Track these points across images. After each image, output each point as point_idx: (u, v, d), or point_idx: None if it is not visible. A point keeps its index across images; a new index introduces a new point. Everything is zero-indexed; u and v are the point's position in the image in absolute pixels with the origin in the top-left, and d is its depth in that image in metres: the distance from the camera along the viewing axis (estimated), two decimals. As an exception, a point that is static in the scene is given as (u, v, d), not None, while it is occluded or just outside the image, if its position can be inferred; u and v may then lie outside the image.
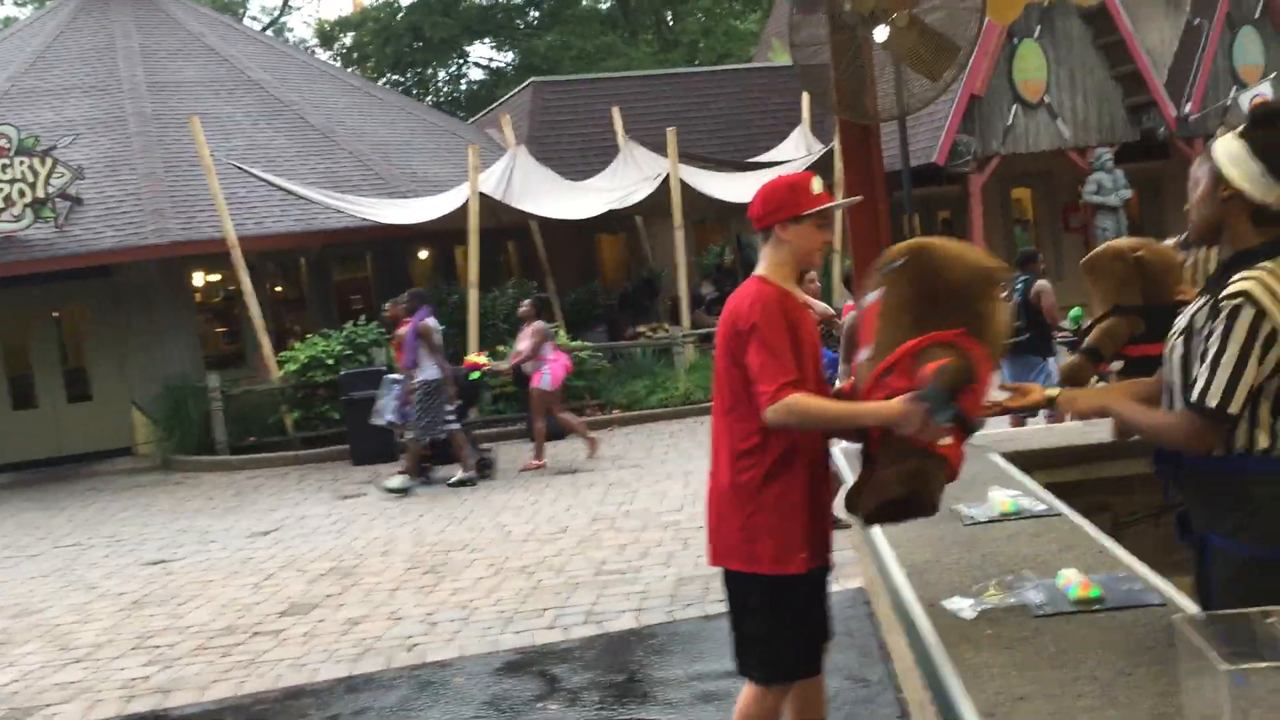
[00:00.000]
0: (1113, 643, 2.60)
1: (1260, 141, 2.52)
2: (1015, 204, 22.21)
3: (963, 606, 2.98)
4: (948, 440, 2.94)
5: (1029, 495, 4.05)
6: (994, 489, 4.07)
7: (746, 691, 3.42)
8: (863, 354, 3.10)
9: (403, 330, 10.78)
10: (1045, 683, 2.42)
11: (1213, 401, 2.46)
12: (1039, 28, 18.48)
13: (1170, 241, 7.43)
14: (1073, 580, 2.95)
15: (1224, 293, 2.50)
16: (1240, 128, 2.59)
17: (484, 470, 11.04)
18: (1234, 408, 2.45)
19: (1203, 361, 2.51)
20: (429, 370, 10.46)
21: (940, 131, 17.77)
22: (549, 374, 10.97)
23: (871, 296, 3.07)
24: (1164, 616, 2.69)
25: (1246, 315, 2.43)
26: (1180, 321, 2.64)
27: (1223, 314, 2.47)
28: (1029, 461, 4.82)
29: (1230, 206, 2.55)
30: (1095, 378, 4.39)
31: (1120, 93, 19.09)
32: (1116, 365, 4.23)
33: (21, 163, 13.97)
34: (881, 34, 4.85)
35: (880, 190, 5.43)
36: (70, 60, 18.27)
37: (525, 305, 11.34)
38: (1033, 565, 3.26)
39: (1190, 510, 2.73)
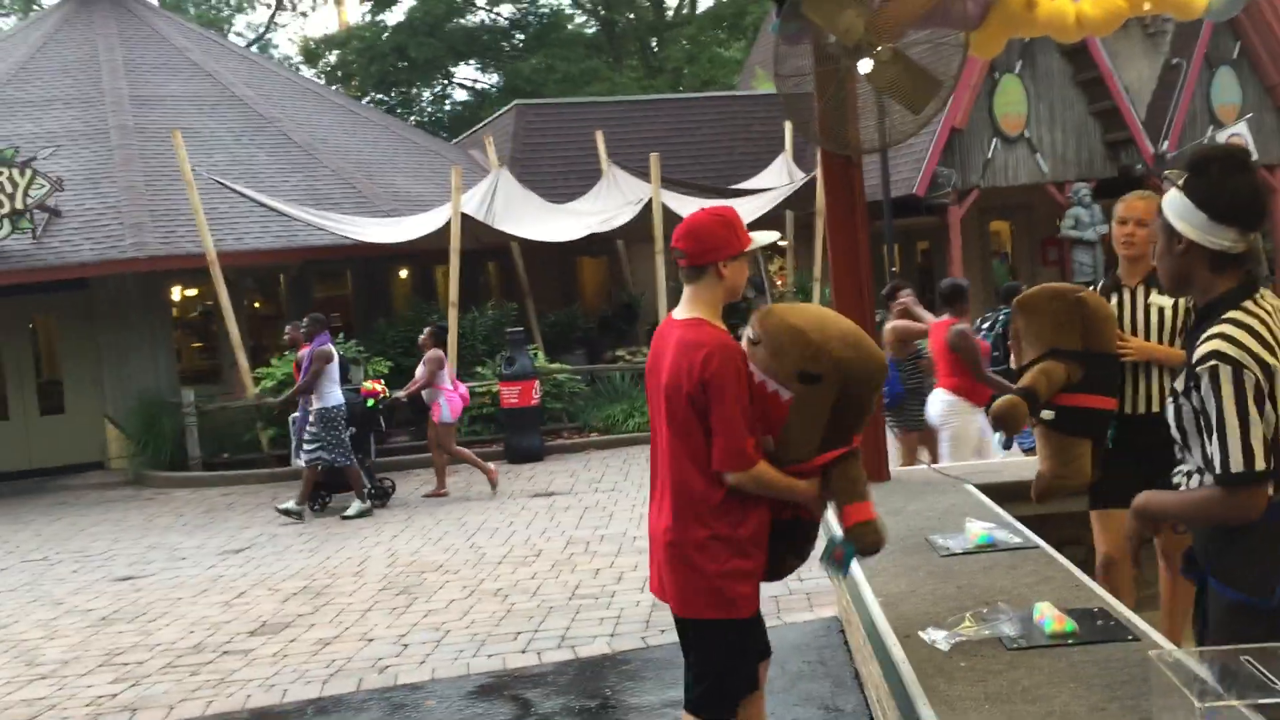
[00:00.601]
0: (1086, 677, 2.61)
1: (1198, 190, 2.53)
2: (994, 236, 22.37)
3: (937, 638, 2.98)
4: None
5: (1005, 527, 4.07)
6: (970, 520, 4.09)
7: None
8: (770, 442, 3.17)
9: (303, 353, 10.70)
10: (1019, 717, 2.42)
11: (1237, 468, 2.41)
12: (1020, 62, 18.68)
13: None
14: (1048, 614, 2.97)
15: (1195, 358, 2.49)
16: (1181, 179, 2.59)
17: (380, 499, 10.97)
18: (1259, 465, 2.40)
19: (1209, 434, 2.46)
20: (327, 397, 10.37)
21: (921, 163, 17.90)
22: (446, 406, 10.89)
23: (784, 392, 3.10)
24: (1138, 652, 2.71)
25: (1225, 375, 2.42)
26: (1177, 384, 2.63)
27: (1204, 381, 2.45)
28: (1004, 494, 4.84)
29: (1189, 258, 2.57)
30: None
31: (1099, 129, 19.30)
32: (1047, 415, 3.91)
33: (0, 174, 13.88)
34: (865, 66, 4.89)
35: (861, 220, 5.45)
36: (53, 72, 18.19)
37: (424, 334, 11.18)
38: (1008, 598, 3.28)
39: (1196, 546, 2.71)
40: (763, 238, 3.35)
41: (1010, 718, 2.42)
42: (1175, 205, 2.58)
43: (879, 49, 4.71)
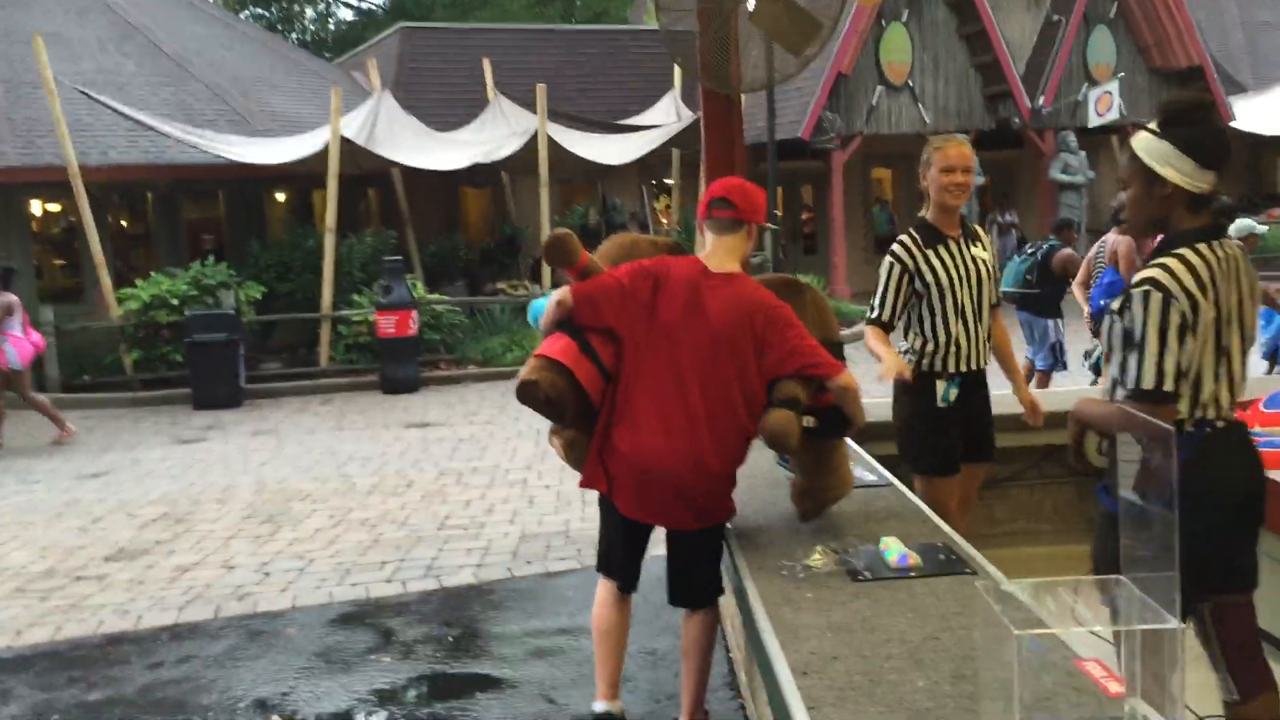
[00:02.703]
0: (924, 608, 2.71)
1: (1183, 139, 2.68)
2: (876, 184, 22.74)
3: (788, 570, 3.06)
4: None
5: (861, 464, 4.17)
6: (828, 458, 4.17)
7: (704, 617, 3.62)
8: None
9: None
10: (858, 645, 2.51)
11: (1148, 385, 2.60)
12: (906, 11, 18.89)
13: (1112, 233, 7.86)
14: (893, 547, 3.06)
15: (1135, 280, 2.67)
16: (1155, 126, 2.73)
17: None
18: (1168, 386, 2.60)
19: (1130, 351, 2.64)
20: None
21: (807, 107, 18.04)
22: (14, 351, 10.53)
23: None
24: (974, 585, 2.82)
25: (1155, 300, 2.60)
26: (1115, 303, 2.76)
27: (1135, 302, 2.62)
28: (863, 433, 4.96)
29: (1171, 201, 2.72)
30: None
31: (980, 81, 19.68)
32: (809, 422, 3.40)
33: None
34: (749, 4, 4.88)
35: (740, 161, 5.47)
36: (-97, -35, 17.08)
37: None
38: (859, 533, 3.38)
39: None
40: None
41: (849, 645, 2.50)
42: (1157, 151, 2.71)
43: (760, -13, 4.70)
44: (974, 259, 4.26)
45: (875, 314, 4.30)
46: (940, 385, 4.25)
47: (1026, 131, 19.93)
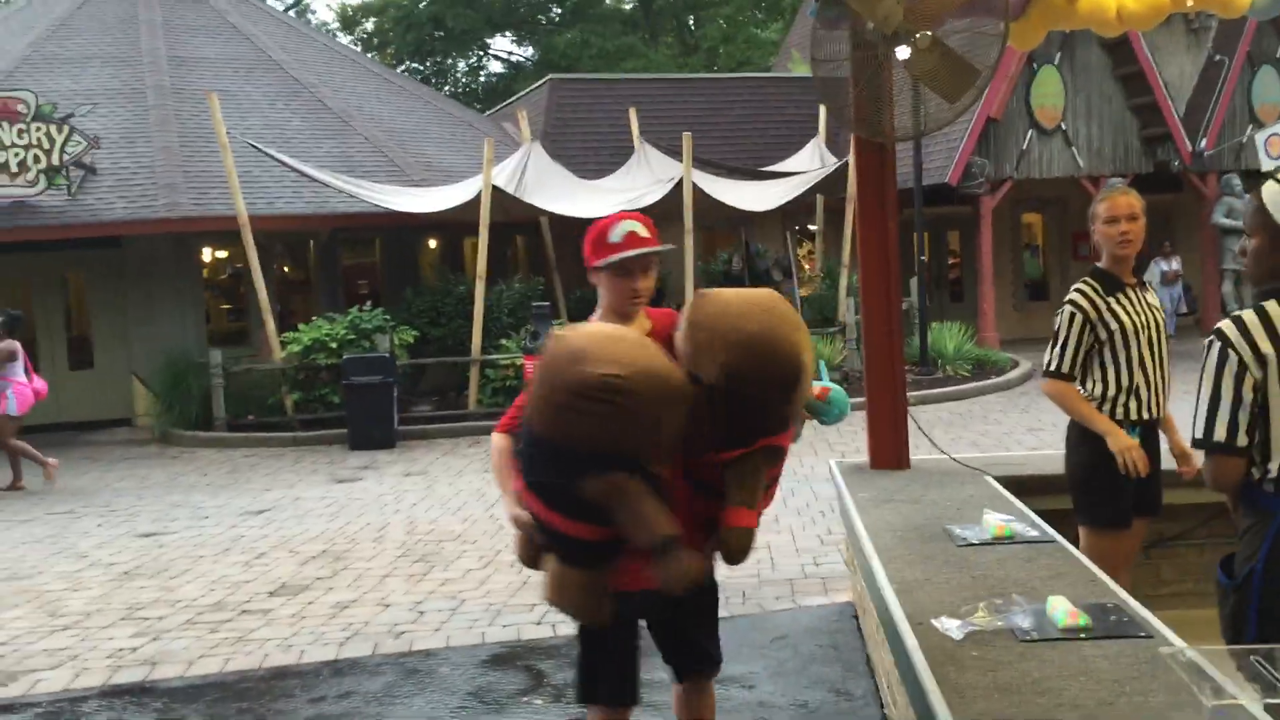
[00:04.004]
0: (1097, 671, 2.62)
1: None
2: (1025, 229, 22.24)
3: (950, 627, 3.00)
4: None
5: (1023, 520, 4.08)
6: (988, 512, 4.09)
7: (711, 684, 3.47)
8: None
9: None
10: (1028, 707, 2.44)
11: (1197, 434, 2.62)
12: (1059, 54, 18.52)
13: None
14: (1061, 607, 2.98)
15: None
16: None
17: None
18: (1218, 436, 2.55)
19: (1202, 402, 2.63)
20: None
21: (955, 152, 17.80)
22: (14, 398, 10.82)
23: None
24: (1150, 649, 2.72)
25: (1214, 351, 2.60)
26: None
27: (1205, 351, 2.63)
28: (1023, 487, 4.85)
29: None
30: None
31: (1137, 124, 19.13)
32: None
33: (38, 129, 14.01)
34: (903, 54, 4.87)
35: (891, 209, 5.44)
36: (92, 30, 18.31)
37: None
38: (1023, 590, 3.29)
39: None
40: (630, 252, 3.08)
41: (1019, 708, 2.44)
42: None
43: (917, 36, 4.69)
44: (1149, 306, 4.24)
45: (1055, 366, 4.23)
46: None
47: (1187, 175, 19.26)
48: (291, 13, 37.78)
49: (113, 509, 9.99)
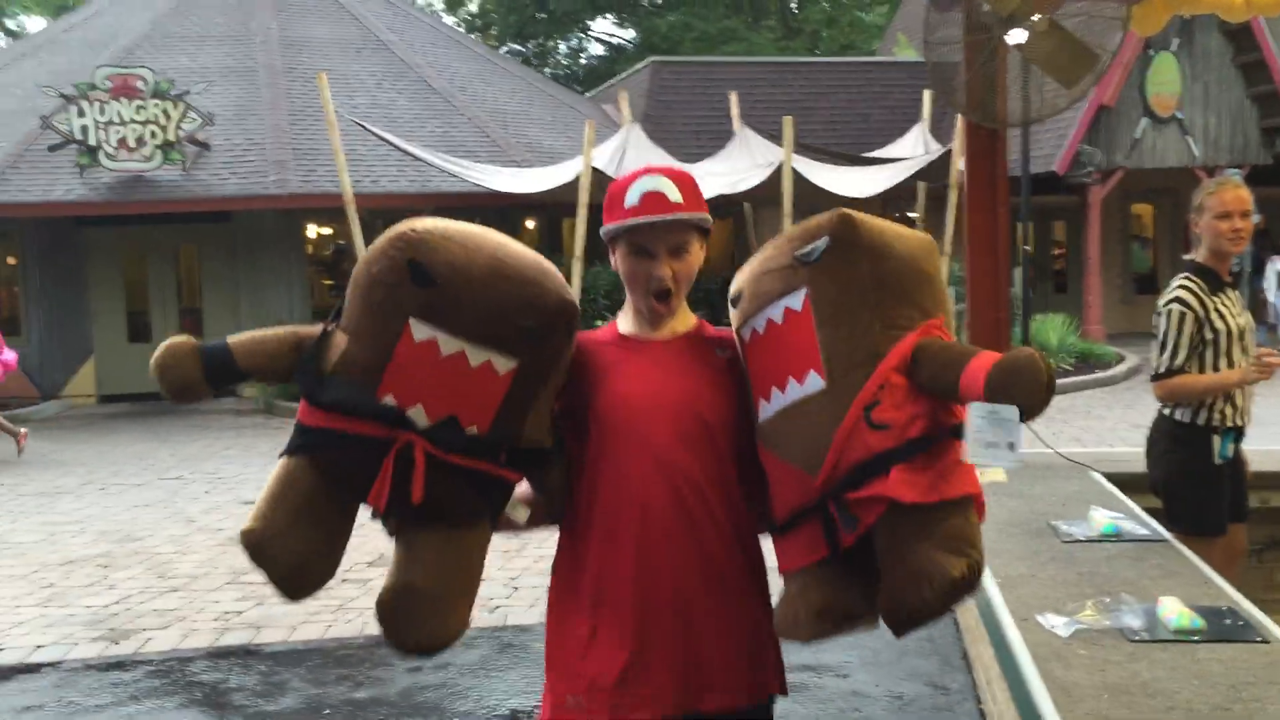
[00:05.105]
0: (1211, 675, 2.55)
1: None
2: (1135, 220, 21.63)
3: (1056, 624, 2.95)
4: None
5: (1132, 518, 3.98)
6: (1095, 508, 4.01)
7: None
8: (802, 388, 2.10)
9: None
10: (1139, 709, 2.39)
11: None
12: (1177, 40, 17.93)
13: None
14: (1173, 608, 2.90)
15: None
16: None
17: None
18: None
19: None
20: None
21: (1064, 140, 17.37)
22: None
23: (792, 302, 2.13)
24: (1268, 654, 2.64)
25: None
26: None
27: None
28: (1131, 484, 4.73)
29: None
30: None
31: (1257, 113, 18.44)
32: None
33: (156, 105, 14.44)
34: (1019, 37, 4.77)
35: (1002, 197, 5.34)
36: (208, 9, 18.81)
37: None
38: (1132, 589, 3.21)
39: None
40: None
41: (1129, 709, 2.38)
42: None
43: (1035, 19, 4.58)
44: (1242, 308, 4.13)
45: (1167, 366, 4.03)
46: (1216, 440, 4.02)
47: (1310, 167, 18.53)
48: (398, -6, 38.32)
49: (220, 476, 10.29)
